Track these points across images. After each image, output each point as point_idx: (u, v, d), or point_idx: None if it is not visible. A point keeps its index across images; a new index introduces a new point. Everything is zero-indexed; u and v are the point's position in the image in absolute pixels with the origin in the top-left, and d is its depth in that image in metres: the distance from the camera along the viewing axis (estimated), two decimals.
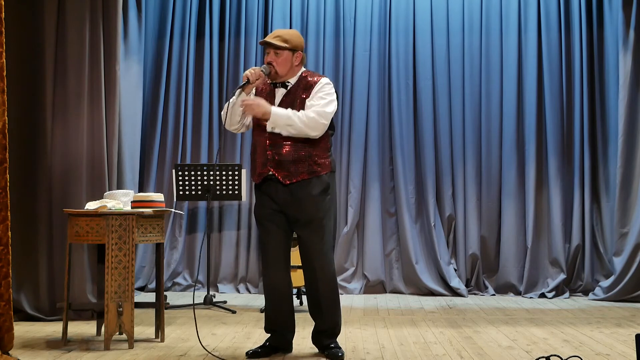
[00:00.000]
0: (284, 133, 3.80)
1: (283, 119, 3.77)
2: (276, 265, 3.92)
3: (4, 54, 3.50)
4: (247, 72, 3.87)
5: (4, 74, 3.51)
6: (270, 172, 3.85)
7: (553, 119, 6.65)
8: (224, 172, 5.81)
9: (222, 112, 4.05)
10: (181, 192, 5.83)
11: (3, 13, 3.51)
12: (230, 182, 5.82)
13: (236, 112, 3.92)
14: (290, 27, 6.86)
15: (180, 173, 5.80)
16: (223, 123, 4.02)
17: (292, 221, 3.88)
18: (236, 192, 5.85)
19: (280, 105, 3.88)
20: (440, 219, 6.75)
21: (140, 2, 6.15)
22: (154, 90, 6.84)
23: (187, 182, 5.80)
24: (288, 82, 3.93)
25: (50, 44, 5.05)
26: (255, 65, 6.86)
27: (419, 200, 6.79)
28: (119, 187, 5.56)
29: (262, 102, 3.80)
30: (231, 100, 3.94)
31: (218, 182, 5.81)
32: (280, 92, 3.93)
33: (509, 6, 6.81)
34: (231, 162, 6.71)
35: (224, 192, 5.84)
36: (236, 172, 5.83)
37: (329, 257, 3.92)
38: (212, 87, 6.89)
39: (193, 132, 6.87)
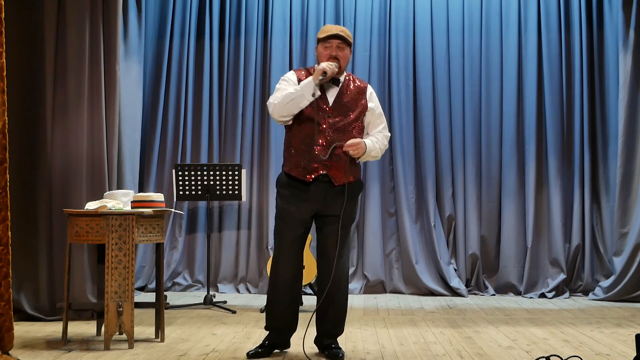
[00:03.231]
0: (363, 160, 3.93)
1: (371, 152, 3.87)
2: (291, 265, 3.90)
3: (4, 54, 3.50)
4: (325, 65, 3.79)
5: (4, 74, 3.51)
6: (324, 172, 3.84)
7: (553, 119, 6.66)
8: (224, 172, 5.81)
9: (273, 101, 3.84)
10: (181, 192, 5.83)
11: (3, 13, 3.51)
12: (230, 182, 5.82)
13: (300, 105, 3.79)
14: (290, 27, 6.87)
15: (180, 173, 5.80)
16: (270, 112, 3.87)
17: (325, 219, 3.88)
18: (236, 192, 5.85)
19: (333, 103, 3.86)
20: (440, 219, 6.75)
21: (140, 2, 6.15)
22: (154, 90, 6.84)
23: (187, 182, 5.80)
24: (339, 79, 3.93)
25: (50, 44, 5.05)
26: (256, 65, 6.87)
27: (419, 200, 6.79)
28: (119, 187, 5.56)
29: (362, 143, 3.81)
30: (290, 91, 3.80)
31: (218, 182, 5.81)
32: (330, 91, 3.90)
33: (509, 6, 6.81)
34: (231, 162, 6.71)
35: (224, 192, 5.84)
36: (236, 172, 5.83)
37: (348, 258, 3.99)
38: (212, 87, 6.89)
39: (193, 132, 6.87)
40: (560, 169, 6.66)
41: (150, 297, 5.79)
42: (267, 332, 4.01)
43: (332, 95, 3.90)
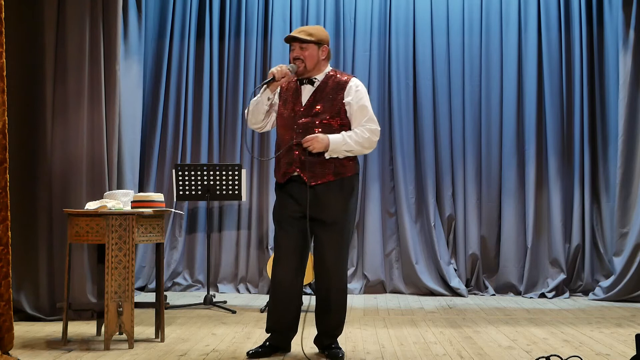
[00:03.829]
0: (342, 157, 3.81)
1: (341, 146, 3.77)
2: (288, 266, 3.88)
3: (4, 54, 3.50)
4: (273, 69, 3.84)
5: (4, 74, 3.51)
6: (296, 173, 3.82)
7: (553, 119, 6.65)
8: (224, 172, 5.81)
9: (245, 111, 4.02)
10: (181, 192, 5.83)
11: (3, 13, 3.51)
12: (230, 182, 5.82)
13: (260, 110, 3.91)
14: (290, 28, 6.86)
15: (180, 173, 5.80)
16: (246, 122, 3.99)
17: (314, 222, 3.82)
18: (236, 192, 5.85)
19: (307, 103, 3.85)
20: (440, 219, 6.75)
21: (140, 2, 6.15)
22: (154, 90, 6.84)
23: (187, 182, 5.80)
24: (315, 78, 3.90)
25: (50, 44, 5.05)
26: (256, 65, 6.87)
27: (419, 200, 6.79)
28: (119, 187, 5.56)
29: (321, 136, 3.75)
30: (255, 98, 3.93)
31: (218, 182, 5.81)
32: (307, 90, 3.90)
33: (509, 6, 6.81)
34: (231, 162, 6.71)
35: (224, 192, 5.84)
36: (236, 172, 5.83)
37: (345, 260, 3.93)
38: (212, 87, 6.89)
39: (193, 132, 6.87)
40: (560, 169, 6.66)
41: (150, 297, 5.79)
42: (269, 334, 4.01)
43: (306, 95, 3.89)
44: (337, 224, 3.84)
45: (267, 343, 3.96)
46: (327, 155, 3.78)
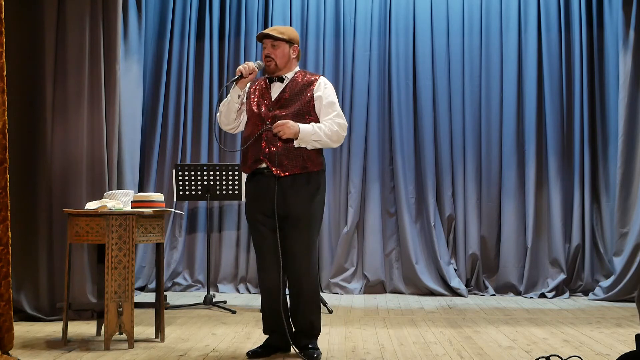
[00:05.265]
0: (309, 147, 3.81)
1: (310, 136, 3.78)
2: (271, 268, 3.88)
3: (4, 54, 3.50)
4: (240, 66, 3.90)
5: (4, 74, 3.51)
6: (264, 165, 3.84)
7: (553, 119, 6.65)
8: (224, 172, 5.81)
9: (217, 114, 4.04)
10: (181, 192, 5.83)
11: (3, 13, 3.51)
12: (230, 182, 5.82)
13: (232, 109, 3.95)
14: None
15: (180, 173, 5.81)
16: (219, 125, 4.04)
17: (281, 218, 3.83)
18: (236, 192, 5.85)
19: (276, 100, 3.89)
20: (440, 219, 6.75)
21: (140, 2, 6.15)
22: (154, 90, 6.84)
23: (187, 182, 5.80)
24: (285, 76, 3.94)
25: (50, 44, 5.05)
26: None
27: (419, 200, 6.79)
28: (119, 187, 5.56)
29: (292, 123, 3.77)
30: (224, 99, 3.99)
31: (218, 182, 5.81)
32: (276, 87, 3.94)
33: (509, 6, 6.81)
34: (231, 162, 6.71)
35: (224, 192, 5.84)
36: (236, 172, 5.83)
37: (314, 256, 3.89)
38: (212, 87, 6.89)
39: (193, 132, 6.87)
40: (560, 169, 6.65)
41: (150, 297, 5.79)
42: (267, 335, 4.01)
43: (276, 91, 3.93)
44: (302, 220, 3.82)
45: (267, 343, 3.96)
46: (295, 144, 3.80)
